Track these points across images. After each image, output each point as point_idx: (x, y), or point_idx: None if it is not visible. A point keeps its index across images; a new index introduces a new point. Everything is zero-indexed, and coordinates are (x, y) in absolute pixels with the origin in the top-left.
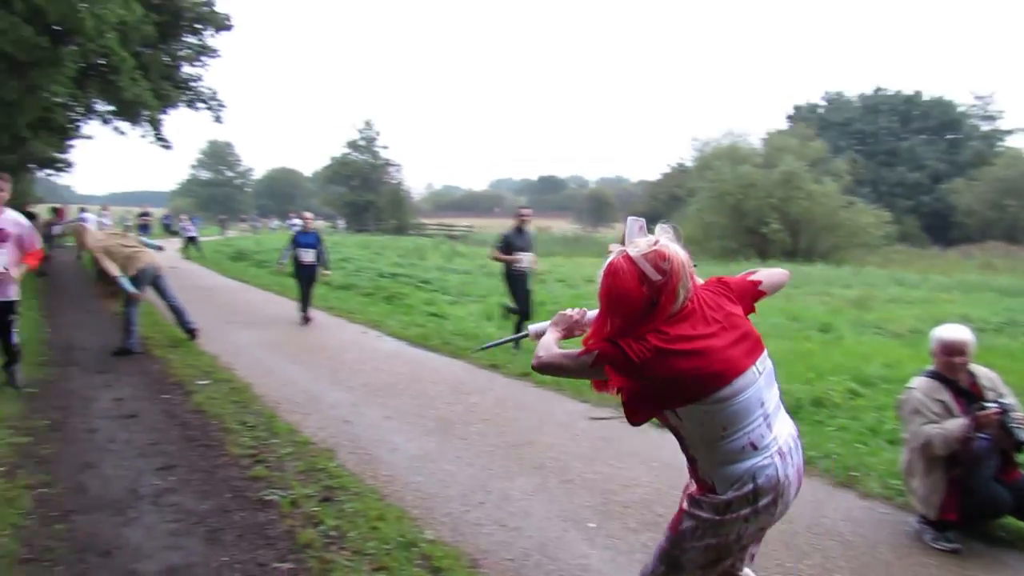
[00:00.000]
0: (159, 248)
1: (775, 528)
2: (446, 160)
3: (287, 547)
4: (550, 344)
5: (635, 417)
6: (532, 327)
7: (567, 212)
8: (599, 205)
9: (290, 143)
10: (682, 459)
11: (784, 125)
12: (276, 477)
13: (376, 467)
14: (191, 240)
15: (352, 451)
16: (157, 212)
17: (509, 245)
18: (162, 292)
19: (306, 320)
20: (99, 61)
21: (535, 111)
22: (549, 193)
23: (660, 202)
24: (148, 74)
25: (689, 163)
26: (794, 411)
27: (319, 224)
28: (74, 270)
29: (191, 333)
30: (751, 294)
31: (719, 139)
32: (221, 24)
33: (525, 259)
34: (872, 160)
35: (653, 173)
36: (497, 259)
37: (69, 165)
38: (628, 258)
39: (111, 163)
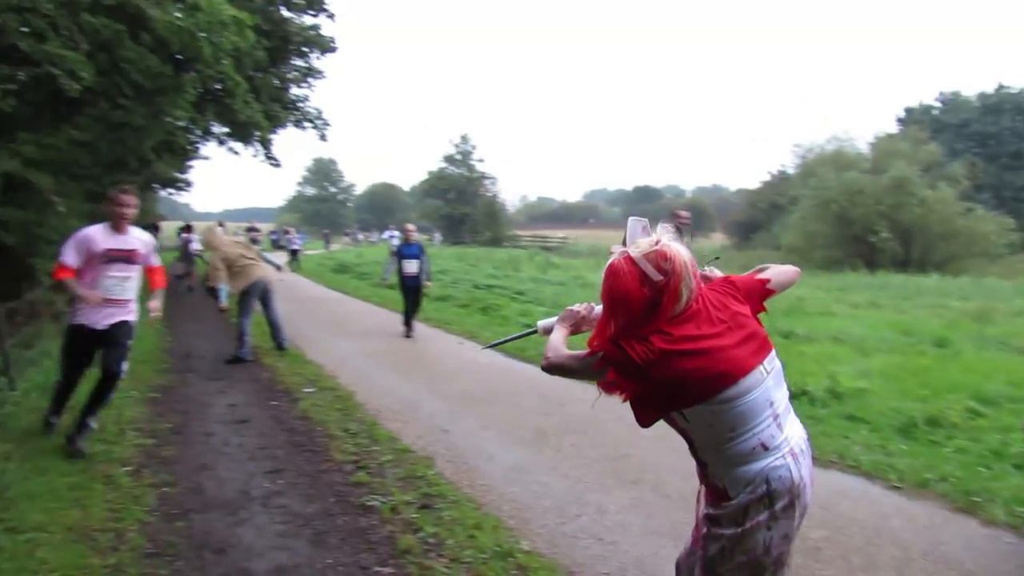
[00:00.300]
0: (278, 267)
1: (887, 553)
2: (540, 171)
3: (388, 552)
4: (558, 344)
5: (643, 420)
6: (540, 323)
7: (663, 222)
8: (696, 214)
9: (390, 158)
10: None
11: (894, 128)
12: (377, 483)
13: (473, 476)
14: (294, 253)
15: (449, 459)
16: (264, 227)
17: None
18: (266, 306)
19: (408, 334)
20: (216, 86)
21: (630, 120)
22: (644, 203)
23: (760, 211)
24: (259, 96)
25: (791, 170)
26: (907, 430)
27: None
28: (193, 282)
29: (280, 348)
30: (759, 293)
31: (823, 145)
32: (326, 47)
33: None
34: (993, 164)
35: (752, 181)
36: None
37: (189, 184)
38: (629, 259)
39: (224, 181)
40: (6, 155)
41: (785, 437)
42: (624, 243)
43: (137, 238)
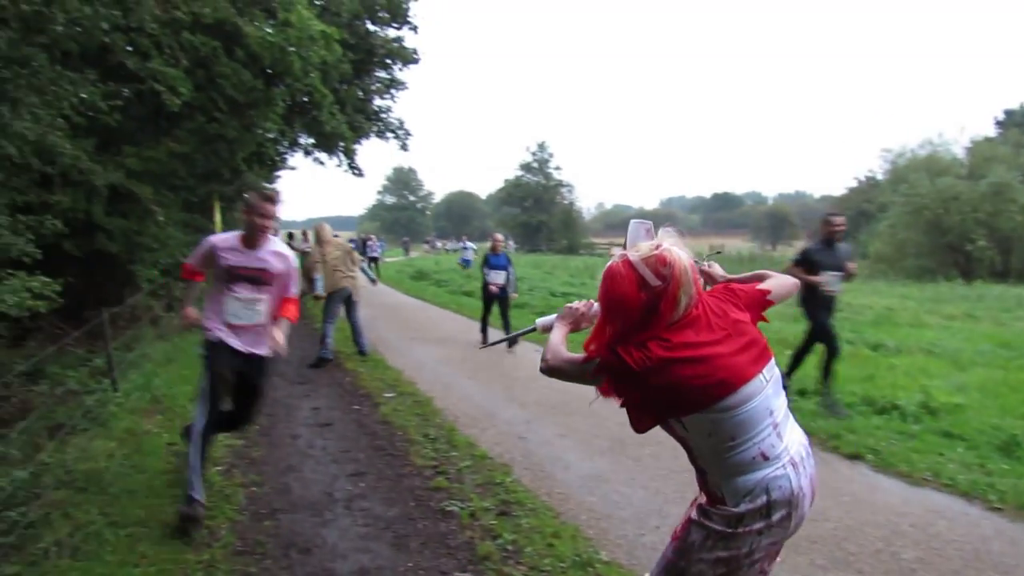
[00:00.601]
0: (373, 281)
1: None
2: (617, 179)
3: (467, 558)
4: (557, 346)
5: (639, 425)
6: (539, 320)
7: (743, 230)
8: (778, 222)
9: (467, 166)
10: (871, 485)
11: (992, 132)
12: (456, 489)
13: (551, 484)
14: (373, 260)
15: (527, 467)
16: (344, 235)
17: (813, 262)
18: (349, 312)
19: (485, 343)
20: (303, 99)
21: (709, 125)
22: (724, 211)
23: (847, 218)
24: (344, 108)
25: (880, 176)
26: (1008, 448)
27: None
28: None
29: (361, 353)
30: (759, 303)
31: (915, 149)
32: (409, 58)
33: (832, 280)
34: None
35: (838, 187)
36: (795, 278)
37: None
38: (628, 262)
39: (307, 190)
40: (112, 167)
41: (785, 446)
42: (624, 246)
43: (274, 254)
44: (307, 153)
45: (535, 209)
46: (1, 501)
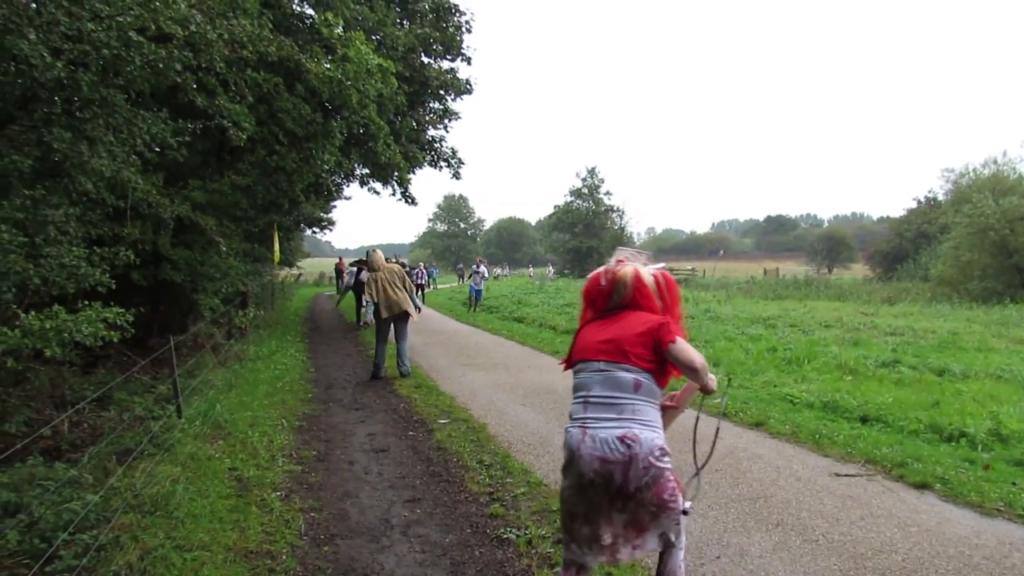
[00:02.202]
0: (418, 309)
1: None
2: (668, 202)
3: None
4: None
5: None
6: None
7: (798, 253)
8: (835, 245)
9: (518, 192)
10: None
11: None
12: (512, 516)
13: None
14: (419, 288)
15: None
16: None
17: None
18: (398, 335)
19: None
20: (360, 131)
21: (762, 147)
22: (778, 234)
23: (907, 240)
24: (399, 139)
25: (941, 196)
26: None
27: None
28: (333, 316)
29: (402, 374)
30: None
31: (978, 168)
32: (462, 89)
33: None
34: None
35: (896, 208)
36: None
37: (332, 223)
38: (663, 271)
39: (360, 219)
40: (178, 200)
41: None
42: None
43: None
44: (363, 183)
45: (585, 234)
46: (75, 524)
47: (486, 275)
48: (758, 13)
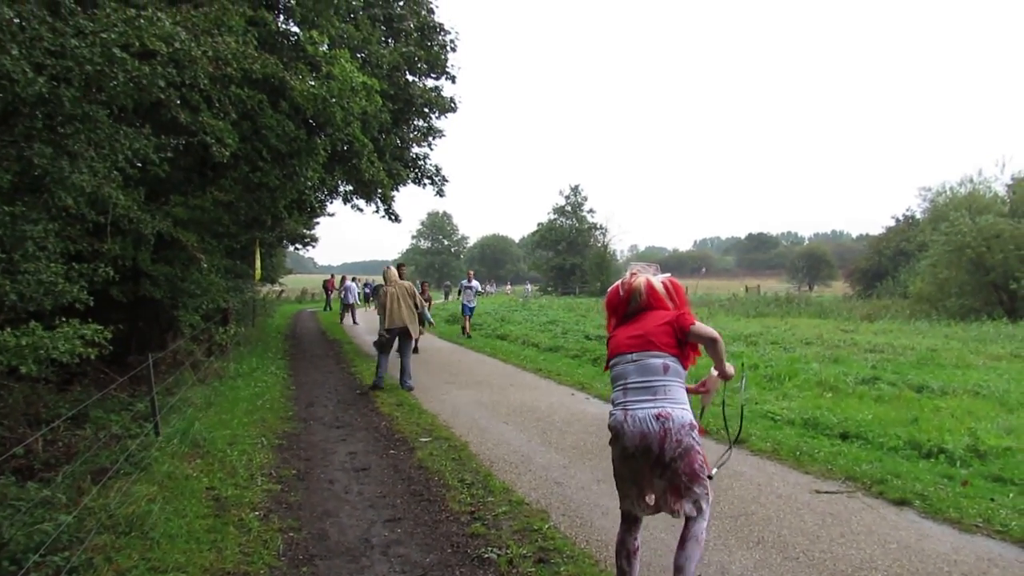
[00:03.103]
0: (430, 323)
1: None
2: (651, 220)
3: None
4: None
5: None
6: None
7: (779, 270)
8: (815, 262)
9: (501, 210)
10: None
11: None
12: (493, 535)
13: (588, 531)
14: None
15: (564, 513)
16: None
17: None
18: (402, 350)
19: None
20: (344, 148)
21: (744, 165)
22: (759, 251)
23: (886, 257)
24: (383, 156)
25: (919, 214)
26: None
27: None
28: (315, 333)
29: (405, 388)
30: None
31: (954, 187)
32: (447, 107)
33: None
34: None
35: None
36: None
37: (315, 240)
38: (671, 278)
39: (343, 236)
40: (160, 216)
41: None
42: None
43: None
44: (346, 200)
45: (569, 252)
46: (47, 546)
47: (479, 289)
48: (740, 32)
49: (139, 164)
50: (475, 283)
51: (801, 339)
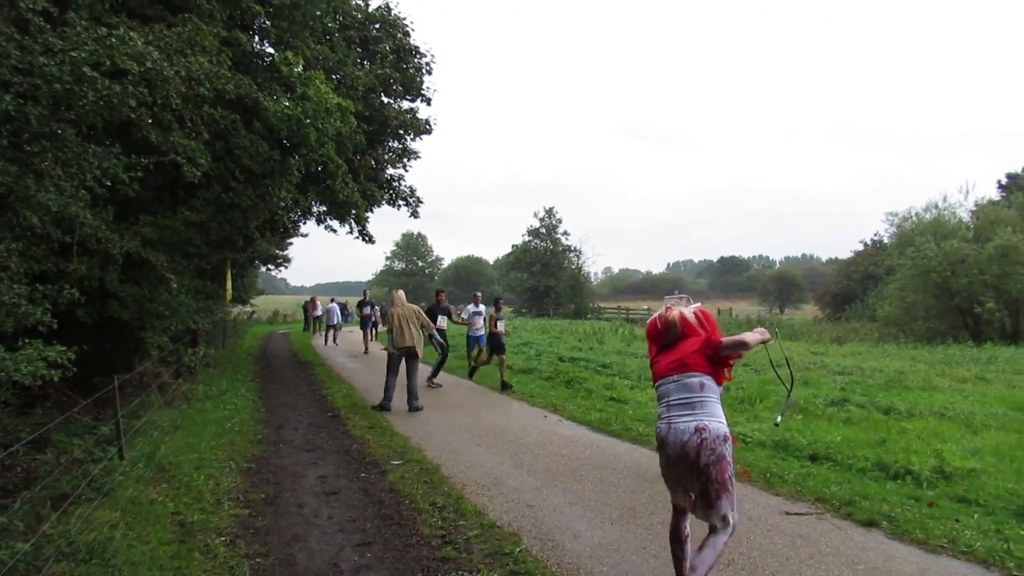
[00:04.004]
0: (443, 344)
1: None
2: (624, 243)
3: None
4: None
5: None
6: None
7: (751, 293)
8: (786, 285)
9: (477, 231)
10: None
11: (996, 195)
12: (464, 559)
13: (560, 554)
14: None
15: (536, 536)
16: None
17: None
18: (409, 371)
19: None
20: (318, 168)
21: (716, 190)
22: (731, 274)
23: (854, 281)
24: (358, 177)
25: (886, 239)
26: None
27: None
28: (286, 355)
29: (412, 408)
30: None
31: (920, 212)
32: (422, 129)
33: None
34: None
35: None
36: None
37: (288, 260)
38: (700, 308)
39: (316, 256)
40: (128, 236)
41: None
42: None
43: None
44: (319, 221)
45: (543, 274)
46: (1, 575)
47: (485, 316)
48: (709, 51)
49: (108, 183)
50: (483, 308)
51: (776, 361)
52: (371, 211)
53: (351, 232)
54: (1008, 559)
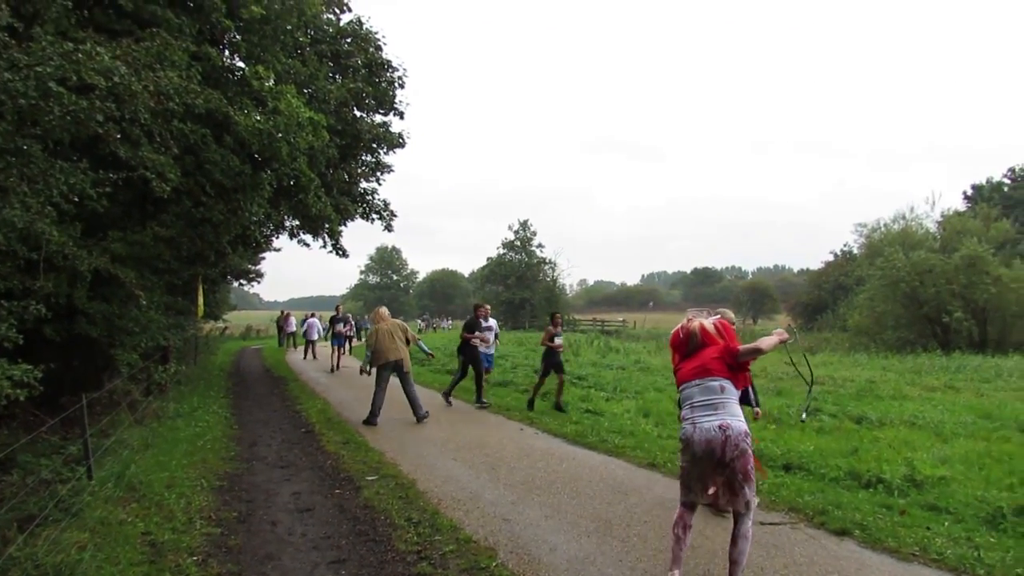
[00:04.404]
0: (430, 355)
1: None
2: (599, 254)
3: None
4: (764, 343)
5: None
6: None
7: (724, 304)
8: (759, 296)
9: (451, 244)
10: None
11: (961, 206)
12: (439, 575)
13: (536, 568)
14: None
15: (512, 550)
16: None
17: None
18: (403, 383)
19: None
20: (290, 183)
21: (687, 202)
22: (704, 285)
23: (825, 291)
24: (330, 191)
25: (856, 250)
26: (994, 521)
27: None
28: (260, 372)
29: (419, 418)
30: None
31: (889, 223)
32: (395, 143)
33: None
34: None
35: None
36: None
37: (260, 275)
38: (721, 319)
39: (290, 271)
40: (97, 252)
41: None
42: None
43: None
44: (292, 235)
45: (518, 286)
46: None
47: (497, 331)
48: (677, 66)
49: (75, 199)
50: (492, 322)
51: (754, 371)
52: (344, 225)
53: (324, 246)
54: (979, 566)
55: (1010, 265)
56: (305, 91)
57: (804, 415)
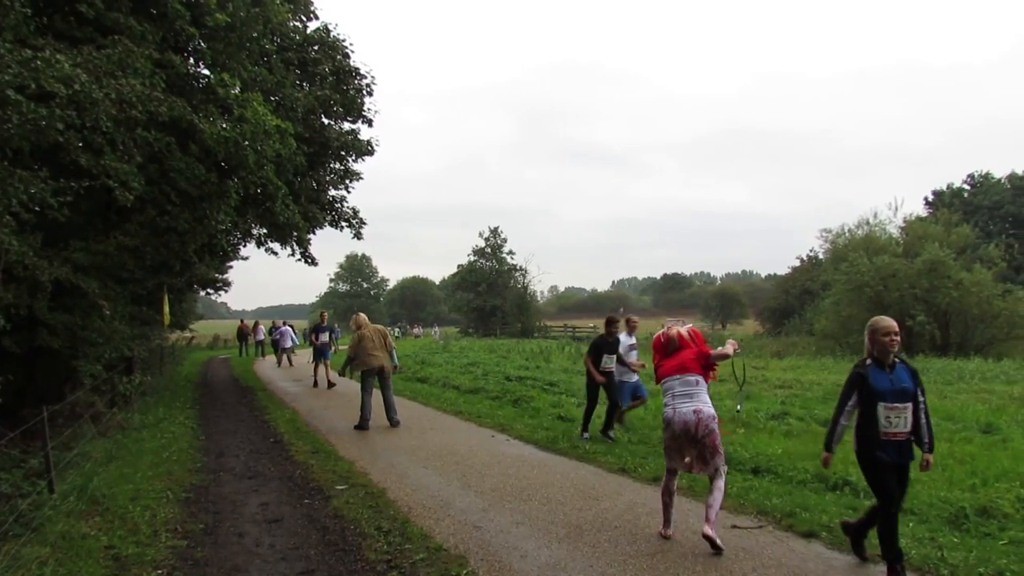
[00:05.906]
0: (396, 367)
1: None
2: (570, 261)
3: None
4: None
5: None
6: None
7: (693, 309)
8: (727, 302)
9: (422, 252)
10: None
11: (922, 211)
12: None
13: (508, 575)
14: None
15: (483, 558)
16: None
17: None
18: (383, 388)
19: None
20: (257, 191)
21: (658, 208)
22: (674, 291)
23: (792, 296)
24: (298, 199)
25: (821, 255)
26: (957, 521)
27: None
28: (227, 382)
29: (392, 423)
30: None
31: (853, 229)
32: (363, 150)
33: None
34: None
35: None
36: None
37: (228, 284)
38: (691, 328)
39: (259, 280)
40: (58, 262)
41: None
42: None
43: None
44: (260, 243)
45: (489, 294)
46: None
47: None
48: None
49: (36, 208)
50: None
51: (721, 375)
52: (313, 233)
53: (293, 254)
54: (943, 566)
55: (971, 269)
56: (272, 99)
57: (739, 407)
